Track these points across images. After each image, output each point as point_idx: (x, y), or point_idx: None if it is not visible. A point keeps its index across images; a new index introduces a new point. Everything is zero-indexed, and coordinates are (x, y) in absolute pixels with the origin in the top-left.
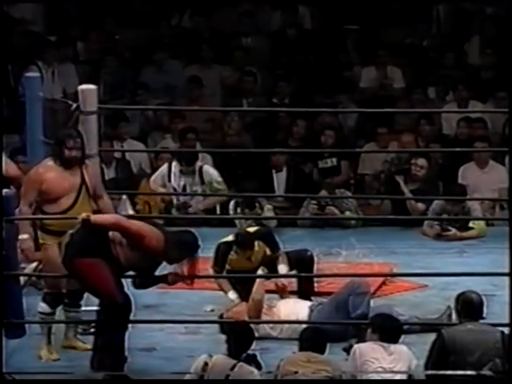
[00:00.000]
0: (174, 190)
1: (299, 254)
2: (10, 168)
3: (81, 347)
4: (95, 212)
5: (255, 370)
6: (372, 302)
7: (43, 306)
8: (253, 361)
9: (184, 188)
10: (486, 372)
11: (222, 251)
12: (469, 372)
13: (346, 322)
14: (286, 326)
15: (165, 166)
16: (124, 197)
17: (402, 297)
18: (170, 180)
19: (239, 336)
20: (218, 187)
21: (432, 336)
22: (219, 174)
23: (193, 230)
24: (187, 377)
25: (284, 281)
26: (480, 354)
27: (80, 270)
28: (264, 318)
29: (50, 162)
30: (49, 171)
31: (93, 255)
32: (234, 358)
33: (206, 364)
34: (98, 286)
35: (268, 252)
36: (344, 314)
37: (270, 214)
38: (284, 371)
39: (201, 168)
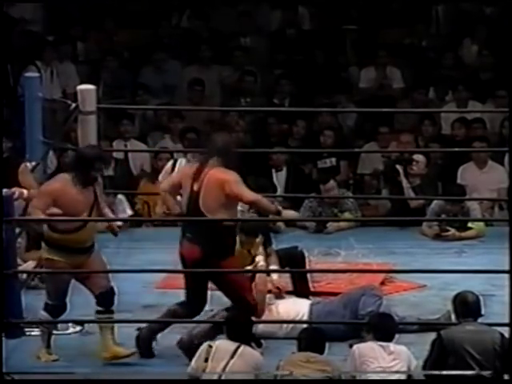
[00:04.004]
0: None
1: (289, 251)
2: (27, 180)
3: (124, 353)
4: None
5: (257, 353)
6: (383, 306)
7: (45, 315)
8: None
9: None
10: (485, 372)
11: None
12: (468, 372)
13: (345, 322)
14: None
15: (169, 165)
16: (119, 196)
17: (401, 297)
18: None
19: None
20: None
21: (431, 336)
22: None
23: None
24: (192, 362)
25: (279, 283)
26: (479, 354)
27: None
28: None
29: (67, 179)
30: (66, 188)
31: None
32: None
33: (210, 346)
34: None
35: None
36: (352, 311)
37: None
38: (283, 371)
39: None
